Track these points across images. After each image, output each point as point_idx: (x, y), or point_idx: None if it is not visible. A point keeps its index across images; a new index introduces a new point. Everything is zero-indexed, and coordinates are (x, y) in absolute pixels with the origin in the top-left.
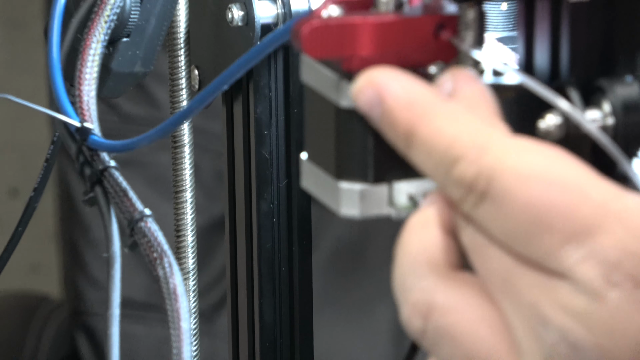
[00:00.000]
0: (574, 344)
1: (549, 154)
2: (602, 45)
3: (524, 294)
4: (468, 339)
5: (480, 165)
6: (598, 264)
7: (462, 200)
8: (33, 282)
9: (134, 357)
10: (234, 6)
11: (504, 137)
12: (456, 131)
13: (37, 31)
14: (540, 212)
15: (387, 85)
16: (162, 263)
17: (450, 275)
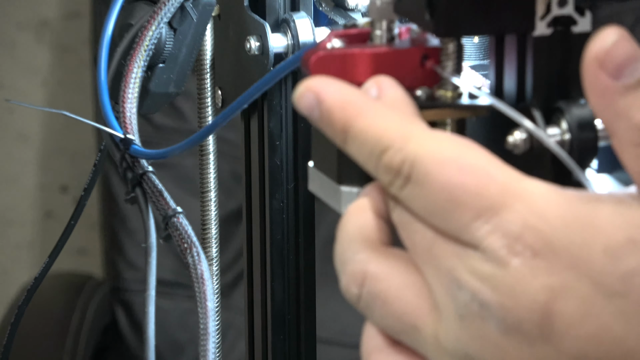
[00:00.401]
0: (483, 302)
1: (462, 143)
2: (560, 72)
3: (442, 261)
4: (396, 301)
5: (405, 153)
6: (502, 236)
7: (390, 184)
8: (80, 264)
9: (164, 327)
10: (252, 38)
11: (424, 130)
12: (384, 125)
13: (85, 55)
14: (454, 192)
15: (324, 89)
16: (191, 252)
17: (382, 249)
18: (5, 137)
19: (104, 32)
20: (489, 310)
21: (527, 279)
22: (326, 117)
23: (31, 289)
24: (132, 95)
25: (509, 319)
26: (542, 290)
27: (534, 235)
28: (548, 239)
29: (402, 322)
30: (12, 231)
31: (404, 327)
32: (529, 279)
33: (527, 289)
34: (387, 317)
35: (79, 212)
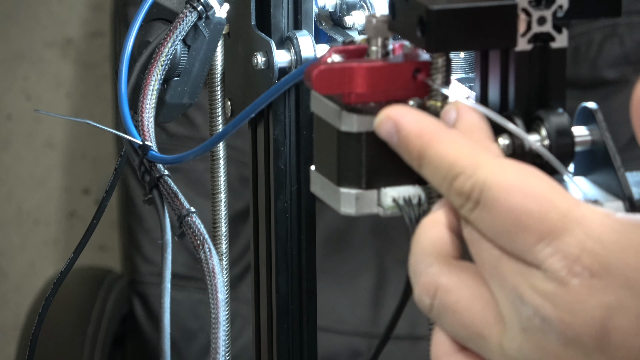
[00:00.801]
0: (544, 317)
1: (526, 170)
2: (540, 84)
3: (508, 278)
4: (466, 312)
5: (474, 179)
6: (563, 258)
7: (461, 207)
8: (100, 259)
9: (177, 316)
10: (258, 54)
11: (494, 157)
12: (456, 153)
13: (106, 70)
14: (518, 216)
15: (401, 118)
16: (203, 248)
17: (453, 263)
18: (33, 144)
19: (124, 48)
20: (550, 325)
21: (585, 297)
22: (404, 143)
23: (57, 283)
24: (150, 106)
25: (568, 333)
26: (599, 308)
27: (592, 258)
28: (604, 261)
29: (470, 330)
30: (38, 230)
31: (472, 336)
32: (587, 297)
33: (585, 307)
34: (456, 325)
35: (101, 212)
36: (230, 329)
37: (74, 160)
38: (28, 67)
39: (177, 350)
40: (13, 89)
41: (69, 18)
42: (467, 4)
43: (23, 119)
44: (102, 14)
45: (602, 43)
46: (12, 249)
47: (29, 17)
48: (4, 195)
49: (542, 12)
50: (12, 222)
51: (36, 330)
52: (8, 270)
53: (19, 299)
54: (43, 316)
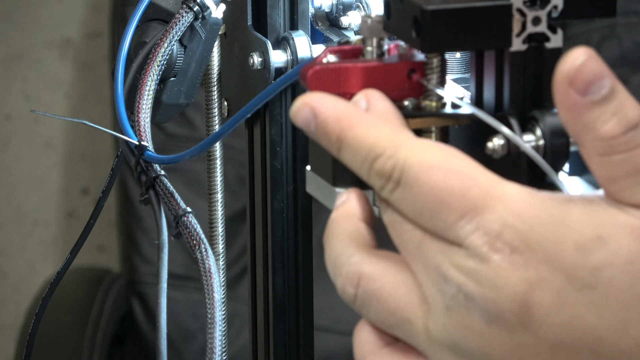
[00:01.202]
0: (467, 294)
1: (447, 150)
2: (535, 84)
3: (430, 258)
4: (390, 297)
5: (395, 159)
6: (484, 234)
7: (381, 188)
8: (99, 260)
9: (176, 316)
10: (255, 54)
11: (412, 138)
12: (375, 134)
13: (105, 71)
14: (440, 194)
15: (319, 104)
16: (199, 248)
17: (373, 251)
18: (32, 145)
19: (120, 49)
20: (473, 302)
21: (506, 272)
22: (322, 129)
23: (54, 282)
24: (146, 106)
25: (491, 309)
26: (520, 283)
27: (512, 233)
28: (525, 236)
29: (395, 316)
30: (37, 230)
31: (398, 321)
32: (509, 272)
33: (507, 282)
34: (381, 312)
35: (98, 212)
36: (229, 330)
37: (73, 161)
38: (27, 68)
39: (175, 350)
40: (12, 89)
41: (67, 18)
42: (461, 4)
43: (22, 119)
44: (100, 14)
45: (600, 43)
46: (11, 249)
47: (27, 18)
48: (3, 196)
49: (536, 13)
50: (11, 222)
51: (33, 329)
52: (7, 270)
53: (18, 299)
54: (40, 316)
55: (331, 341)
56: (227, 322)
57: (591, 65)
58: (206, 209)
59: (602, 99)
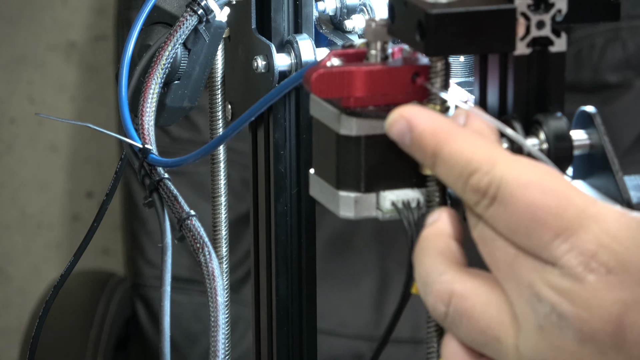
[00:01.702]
0: (561, 314)
1: (543, 169)
2: (538, 88)
3: (524, 276)
4: (481, 316)
5: (492, 175)
6: (579, 254)
7: (476, 204)
8: (103, 263)
9: (179, 319)
10: (259, 57)
11: (509, 155)
12: (472, 150)
13: (110, 74)
14: (536, 212)
15: (415, 117)
16: (203, 251)
17: (465, 269)
18: (36, 148)
19: (124, 52)
20: (566, 321)
21: (601, 293)
22: (417, 142)
23: (58, 285)
24: (150, 109)
25: (585, 329)
26: (615, 304)
27: (608, 254)
28: (620, 257)
29: (486, 335)
30: (42, 233)
31: (488, 340)
32: (604, 293)
33: (601, 303)
34: (472, 331)
35: (102, 214)
36: (233, 333)
37: (77, 164)
38: (32, 71)
39: (179, 353)
40: (17, 92)
41: (72, 22)
42: (465, 8)
43: (27, 122)
44: (105, 17)
45: (604, 47)
46: (16, 252)
47: (32, 21)
48: (8, 199)
49: (540, 16)
50: (16, 226)
51: (37, 332)
52: (11, 274)
53: (22, 302)
54: (44, 319)
55: (336, 345)
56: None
57: None
58: (210, 212)
59: None
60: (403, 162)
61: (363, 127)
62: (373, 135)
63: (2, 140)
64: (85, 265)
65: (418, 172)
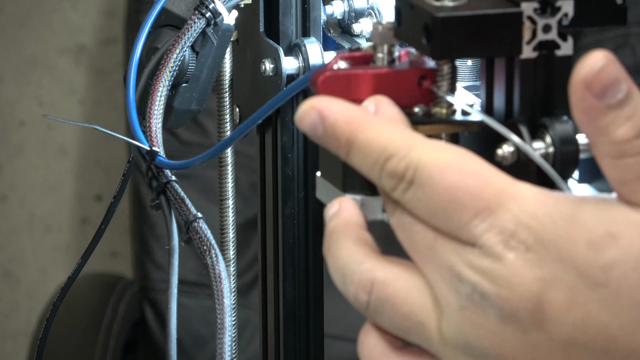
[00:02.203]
0: (482, 293)
1: (460, 151)
2: (545, 92)
3: (444, 258)
4: (404, 302)
5: (409, 159)
6: (498, 233)
7: (393, 189)
8: (112, 266)
9: (188, 323)
10: (267, 61)
11: (424, 140)
12: (388, 136)
13: (119, 77)
14: (454, 193)
15: (327, 106)
16: (210, 254)
17: (382, 257)
18: (46, 151)
19: (132, 54)
20: (488, 300)
21: (521, 271)
22: (330, 132)
23: (65, 287)
24: (158, 112)
25: (506, 308)
26: (534, 281)
27: (527, 232)
28: (539, 234)
29: (409, 320)
30: (51, 236)
31: (411, 325)
32: (523, 271)
33: (521, 280)
34: (395, 318)
35: (109, 217)
36: (241, 336)
37: (86, 167)
38: (41, 74)
39: (187, 357)
40: (26, 95)
41: (82, 25)
42: (472, 12)
43: (36, 125)
44: (114, 21)
45: (613, 53)
46: (25, 255)
47: (42, 24)
48: (17, 202)
49: (547, 20)
50: (25, 229)
51: (44, 335)
52: (20, 277)
53: (30, 305)
54: (51, 321)
55: (343, 349)
56: (239, 330)
57: (609, 70)
58: (218, 216)
59: (617, 103)
60: None
61: None
62: None
63: (12, 143)
64: (93, 269)
65: None
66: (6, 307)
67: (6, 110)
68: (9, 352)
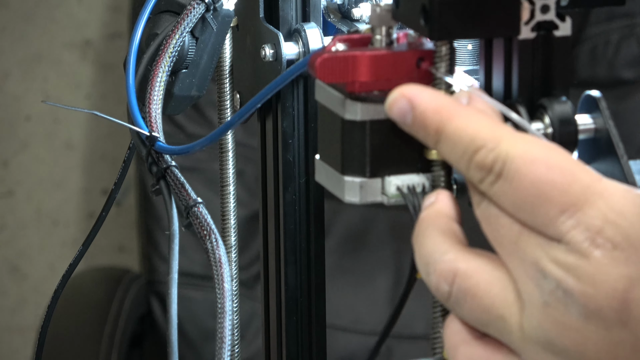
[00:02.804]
0: (566, 290)
1: (549, 145)
2: (543, 72)
3: (528, 253)
4: (485, 294)
5: (497, 152)
6: (585, 230)
7: (481, 181)
8: (119, 259)
9: (194, 316)
10: (267, 46)
11: (514, 132)
12: (477, 127)
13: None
14: (542, 187)
15: (417, 95)
16: (210, 239)
17: (468, 249)
18: (52, 145)
19: (132, 40)
20: (572, 297)
21: (607, 268)
22: (420, 120)
23: (65, 275)
24: (157, 97)
25: (590, 305)
26: (621, 280)
27: (614, 229)
28: (626, 233)
29: (490, 314)
30: (58, 230)
31: (492, 319)
32: (609, 268)
33: (607, 278)
34: (476, 310)
35: (110, 204)
36: (248, 329)
37: (93, 161)
38: (47, 68)
39: (195, 349)
40: (32, 90)
41: (87, 19)
42: None
43: (42, 119)
44: (120, 15)
45: (619, 43)
46: (32, 250)
47: (47, 19)
48: (24, 196)
49: (545, 0)
50: (32, 223)
51: (45, 324)
52: (27, 271)
53: (38, 300)
54: (52, 310)
55: (351, 341)
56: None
57: None
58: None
59: None
60: (408, 147)
61: (368, 112)
62: (378, 120)
63: (18, 138)
64: (100, 262)
65: (423, 157)
66: (13, 302)
67: (12, 105)
68: (17, 347)
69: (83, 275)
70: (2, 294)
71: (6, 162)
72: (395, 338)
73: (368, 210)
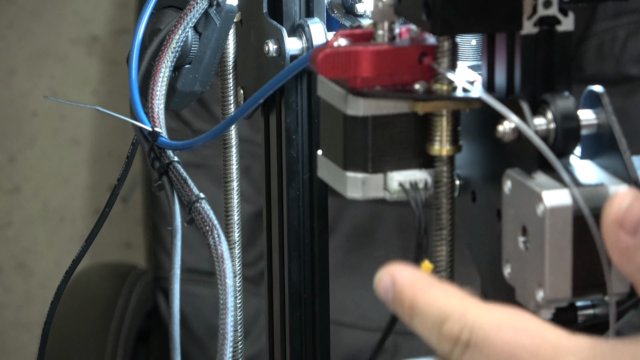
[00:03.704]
0: None
1: (512, 311)
2: (546, 68)
3: None
4: None
5: (464, 321)
6: None
7: (450, 352)
8: (126, 256)
9: (200, 311)
10: (270, 41)
11: (478, 302)
12: (444, 300)
13: None
14: (512, 352)
15: (398, 271)
16: (212, 234)
17: None
18: (59, 142)
19: (134, 35)
20: None
21: None
22: (397, 295)
23: (69, 270)
24: (160, 93)
25: None
26: None
27: None
28: None
29: None
30: (64, 227)
31: None
32: None
33: None
34: None
35: (113, 199)
36: (254, 326)
37: (99, 157)
38: (54, 65)
39: (201, 346)
40: (39, 86)
41: (94, 16)
42: None
43: (49, 116)
44: (127, 11)
45: (626, 40)
46: (38, 246)
47: (54, 15)
48: (30, 193)
49: None
50: (38, 220)
51: (48, 318)
52: (34, 268)
53: (44, 296)
54: (55, 305)
55: (357, 337)
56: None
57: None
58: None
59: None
60: (410, 142)
61: (370, 108)
62: (380, 116)
63: (25, 134)
64: (107, 258)
65: (425, 153)
66: (20, 298)
67: (19, 101)
68: (23, 342)
69: (90, 271)
70: (8, 290)
71: (13, 158)
72: (402, 334)
73: (374, 207)
